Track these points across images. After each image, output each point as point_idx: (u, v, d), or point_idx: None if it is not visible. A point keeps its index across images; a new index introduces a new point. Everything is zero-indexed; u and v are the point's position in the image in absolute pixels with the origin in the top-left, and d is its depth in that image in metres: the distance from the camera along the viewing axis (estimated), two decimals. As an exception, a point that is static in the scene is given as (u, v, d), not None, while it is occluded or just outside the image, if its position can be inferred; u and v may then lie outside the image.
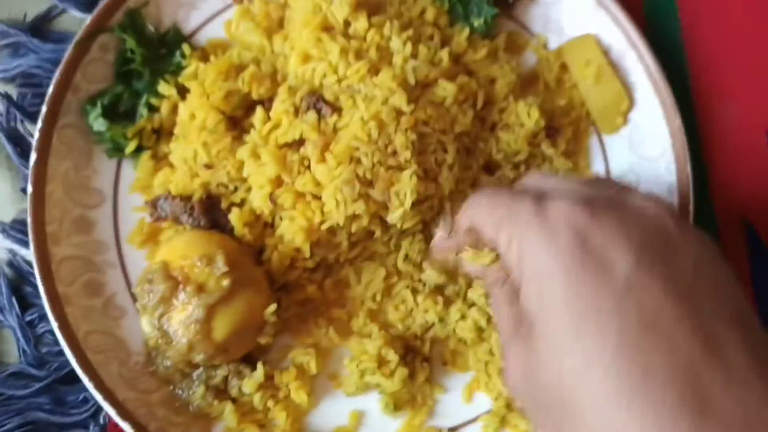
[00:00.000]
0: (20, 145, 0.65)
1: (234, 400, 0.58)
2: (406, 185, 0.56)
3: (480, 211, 0.48)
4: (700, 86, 0.66)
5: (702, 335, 0.36)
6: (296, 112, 0.58)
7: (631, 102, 0.63)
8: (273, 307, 0.56)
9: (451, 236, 0.53)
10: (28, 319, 0.62)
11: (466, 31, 0.63)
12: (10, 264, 0.63)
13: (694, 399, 0.35)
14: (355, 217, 0.57)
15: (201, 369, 0.57)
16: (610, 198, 0.43)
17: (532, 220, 0.42)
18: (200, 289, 0.53)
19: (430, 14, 0.63)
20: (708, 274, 0.39)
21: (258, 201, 0.58)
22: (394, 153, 0.57)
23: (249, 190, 0.60)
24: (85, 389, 0.59)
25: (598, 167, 0.64)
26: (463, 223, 0.50)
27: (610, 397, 0.36)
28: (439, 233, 0.55)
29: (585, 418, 0.37)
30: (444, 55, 0.60)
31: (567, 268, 0.39)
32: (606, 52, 0.64)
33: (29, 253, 0.63)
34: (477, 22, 0.63)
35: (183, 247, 0.55)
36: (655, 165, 0.62)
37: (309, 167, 0.57)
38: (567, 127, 0.63)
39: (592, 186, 0.45)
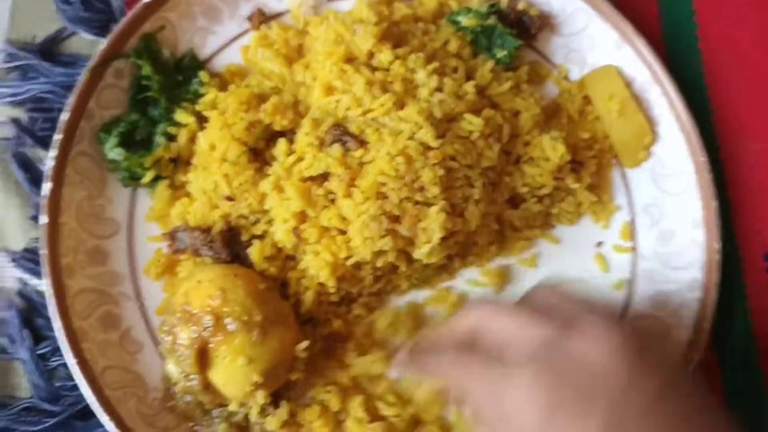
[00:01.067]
0: (30, 172, 0.64)
1: (256, 439, 0.57)
2: (434, 221, 0.55)
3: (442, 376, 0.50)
4: (722, 122, 0.66)
5: None
6: (321, 145, 0.57)
7: (655, 136, 0.63)
8: (305, 343, 0.55)
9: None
10: (40, 352, 0.60)
11: (491, 64, 0.62)
12: (21, 294, 0.62)
13: None
14: (381, 252, 0.56)
15: (222, 407, 0.56)
16: (554, 351, 0.45)
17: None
18: (229, 332, 0.52)
19: (453, 45, 0.62)
20: (669, 407, 0.42)
21: (281, 235, 0.57)
22: (422, 189, 0.56)
23: (270, 222, 0.59)
24: (101, 425, 0.58)
25: (620, 201, 0.64)
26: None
27: None
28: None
29: None
30: (469, 88, 0.60)
31: None
32: (629, 85, 0.64)
33: (40, 283, 0.62)
34: (500, 54, 0.63)
35: (209, 286, 0.54)
36: (679, 200, 0.62)
37: (334, 201, 0.56)
38: (590, 161, 0.63)
39: (537, 327, 0.46)
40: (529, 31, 0.65)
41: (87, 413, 0.59)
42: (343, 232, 0.56)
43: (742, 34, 0.68)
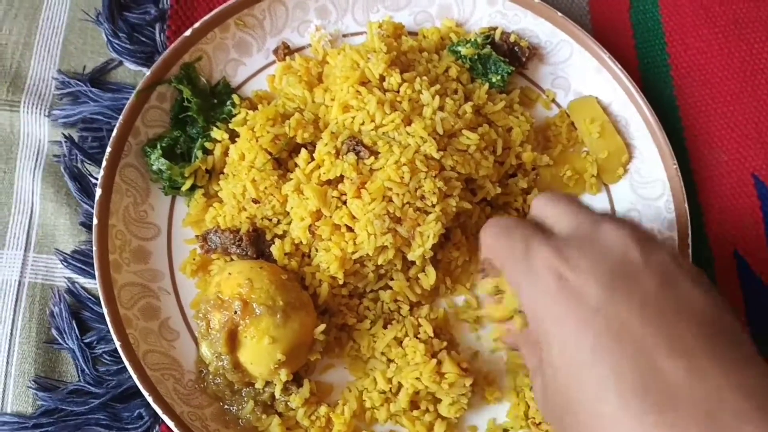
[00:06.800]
0: (80, 183, 0.71)
1: (280, 415, 0.63)
2: (431, 228, 0.63)
3: (487, 247, 0.56)
4: (692, 137, 0.75)
5: (664, 340, 0.43)
6: (337, 153, 0.65)
7: (631, 154, 0.71)
8: (322, 326, 0.62)
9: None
10: (86, 341, 0.67)
11: (486, 87, 0.71)
12: (69, 291, 0.69)
13: (656, 388, 0.41)
14: (382, 248, 0.63)
15: (250, 386, 0.63)
16: (583, 235, 0.51)
17: (522, 266, 0.51)
18: (256, 316, 0.59)
19: (453, 71, 0.71)
20: (673, 290, 0.46)
21: (297, 232, 0.65)
22: (422, 197, 0.64)
23: (290, 223, 0.66)
24: (140, 406, 0.65)
25: (603, 205, 0.72)
26: (482, 256, 0.58)
27: (589, 392, 0.44)
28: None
29: (579, 414, 0.45)
30: (467, 108, 0.68)
31: (551, 302, 0.48)
32: (607, 109, 0.72)
33: (87, 282, 0.69)
34: (495, 78, 0.72)
35: (238, 277, 0.61)
36: (655, 204, 0.69)
37: (346, 203, 0.64)
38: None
39: (574, 218, 0.53)
40: (520, 59, 0.74)
41: (126, 396, 0.65)
42: (351, 230, 0.64)
43: (708, 61, 0.76)
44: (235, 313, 0.60)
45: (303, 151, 0.66)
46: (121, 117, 0.68)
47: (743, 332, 0.46)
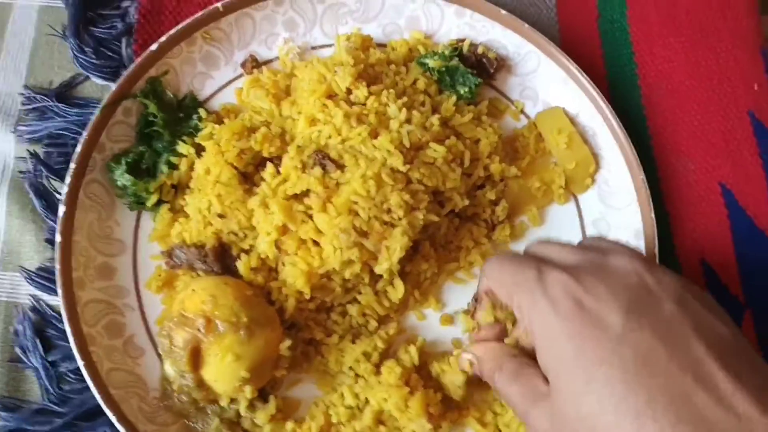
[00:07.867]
0: (45, 199, 0.71)
1: (246, 432, 0.62)
2: (397, 241, 0.62)
3: (492, 278, 0.56)
4: (660, 146, 0.75)
5: (690, 366, 0.44)
6: (303, 167, 0.65)
7: (599, 164, 0.71)
8: (288, 342, 0.61)
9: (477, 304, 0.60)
10: (50, 359, 0.66)
11: (453, 98, 0.71)
12: (34, 309, 0.68)
13: (690, 419, 0.43)
14: (349, 262, 0.63)
15: (215, 404, 0.62)
16: (593, 263, 0.52)
17: (536, 291, 0.51)
18: (220, 333, 0.59)
19: (421, 83, 0.71)
20: (689, 312, 0.47)
21: (264, 246, 0.64)
22: (389, 210, 0.63)
23: (257, 237, 0.66)
24: (104, 425, 0.64)
25: (571, 216, 0.71)
26: (482, 288, 0.58)
27: (624, 424, 0.44)
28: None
29: None
30: (434, 120, 0.68)
31: (570, 329, 0.48)
32: (575, 119, 0.72)
33: (52, 299, 0.68)
34: (463, 90, 0.72)
35: (202, 293, 0.60)
36: (623, 213, 0.69)
37: (312, 217, 0.63)
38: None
39: (578, 252, 0.54)
40: (488, 70, 0.74)
41: (91, 415, 0.64)
42: (317, 244, 0.63)
43: (675, 70, 0.76)
44: (199, 330, 0.59)
45: (269, 165, 0.66)
46: (85, 132, 0.68)
47: (757, 353, 0.47)
